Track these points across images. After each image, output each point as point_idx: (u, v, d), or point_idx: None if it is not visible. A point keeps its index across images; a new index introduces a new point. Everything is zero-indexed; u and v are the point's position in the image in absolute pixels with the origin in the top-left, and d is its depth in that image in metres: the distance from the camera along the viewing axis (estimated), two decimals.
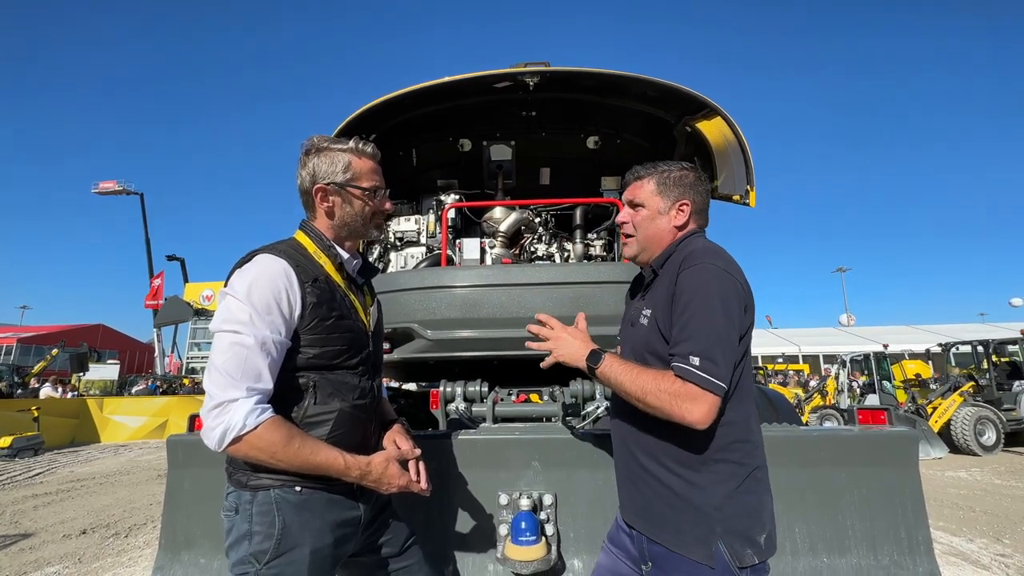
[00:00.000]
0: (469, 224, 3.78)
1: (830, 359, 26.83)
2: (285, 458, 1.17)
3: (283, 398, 1.24)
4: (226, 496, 1.28)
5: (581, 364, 1.32)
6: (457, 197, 3.72)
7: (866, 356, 13.06)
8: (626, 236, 1.48)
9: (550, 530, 1.98)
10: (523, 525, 1.87)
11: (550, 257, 3.59)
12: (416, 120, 3.45)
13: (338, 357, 1.31)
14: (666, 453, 1.26)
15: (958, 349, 14.30)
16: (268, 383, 1.20)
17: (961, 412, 9.62)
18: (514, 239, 3.61)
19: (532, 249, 3.59)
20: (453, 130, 3.74)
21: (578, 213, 3.61)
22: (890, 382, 12.34)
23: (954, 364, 16.25)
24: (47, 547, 4.51)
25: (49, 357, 17.78)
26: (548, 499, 2.03)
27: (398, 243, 3.64)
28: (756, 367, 21.25)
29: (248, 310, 1.18)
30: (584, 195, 3.68)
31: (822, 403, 12.81)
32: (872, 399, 11.98)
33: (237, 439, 1.14)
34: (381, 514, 1.46)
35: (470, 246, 3.36)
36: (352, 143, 1.38)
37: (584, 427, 2.39)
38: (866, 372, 13.13)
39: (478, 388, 2.79)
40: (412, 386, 3.61)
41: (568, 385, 2.76)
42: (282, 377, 1.24)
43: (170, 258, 28.17)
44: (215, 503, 1.44)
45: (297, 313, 1.25)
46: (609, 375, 1.27)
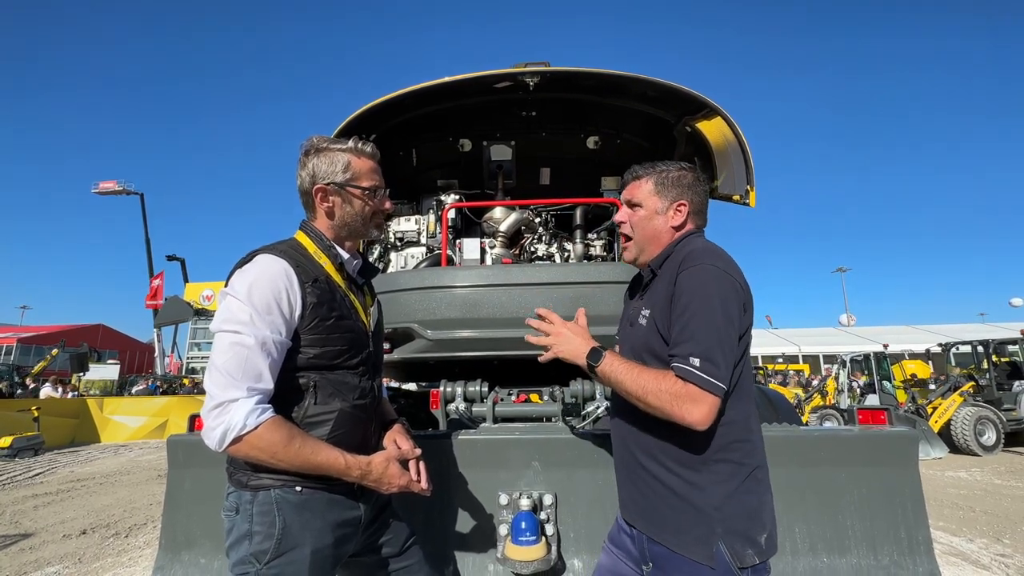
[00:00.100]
0: (469, 224, 3.78)
1: (830, 359, 26.82)
2: (286, 458, 1.17)
3: (283, 398, 1.24)
4: (227, 496, 1.28)
5: (581, 361, 1.31)
6: (457, 197, 3.72)
7: (866, 356, 13.05)
8: (625, 238, 1.47)
9: (550, 530, 1.98)
10: (523, 525, 1.87)
11: (550, 257, 3.59)
12: (416, 120, 3.45)
13: (338, 357, 1.32)
14: (666, 453, 1.26)
15: (958, 349, 14.31)
16: (269, 383, 1.20)
17: (961, 412, 9.62)
18: (514, 239, 3.61)
19: (532, 249, 3.59)
20: (453, 130, 3.74)
21: (578, 213, 3.61)
22: (890, 382, 12.34)
23: (954, 364, 16.24)
24: (47, 547, 4.51)
25: (49, 357, 17.82)
26: (548, 499, 2.03)
27: (398, 243, 3.64)
28: (756, 367, 21.25)
29: (248, 310, 1.19)
30: (584, 195, 3.68)
31: (822, 403, 12.82)
32: (872, 399, 11.97)
33: (238, 439, 1.14)
34: (381, 514, 1.46)
35: (470, 246, 3.36)
36: (351, 143, 1.39)
37: (584, 427, 2.39)
38: (866, 372, 13.13)
39: (478, 388, 2.79)
40: (412, 386, 3.60)
41: (568, 385, 2.76)
42: (282, 377, 1.24)
43: (170, 258, 28.18)
44: (215, 503, 1.44)
45: (297, 313, 1.25)
46: (609, 374, 1.26)
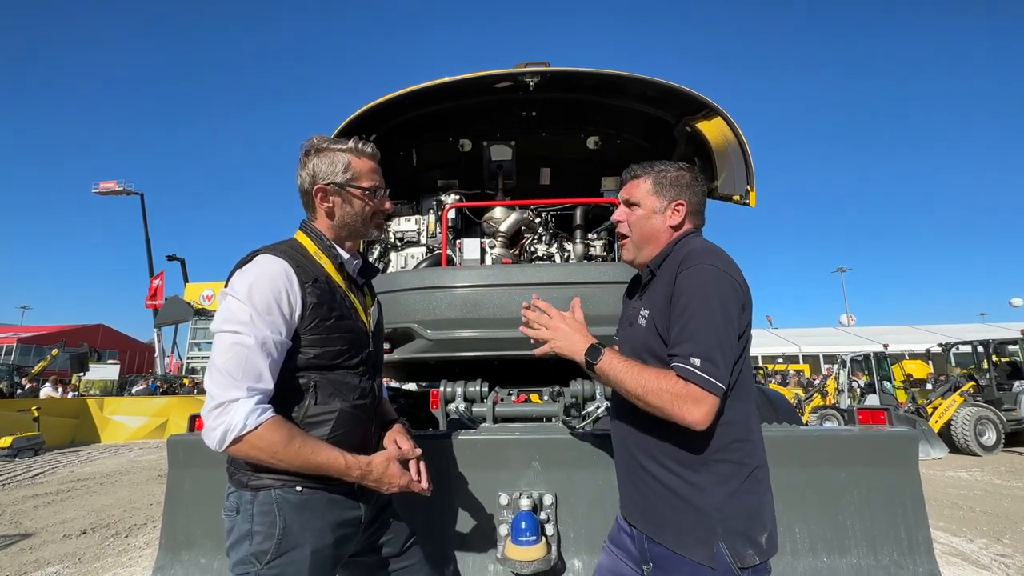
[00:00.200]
0: (469, 224, 3.78)
1: (830, 359, 26.82)
2: (286, 458, 1.17)
3: (284, 398, 1.24)
4: (227, 496, 1.28)
5: (579, 358, 1.30)
6: (457, 197, 3.72)
7: (866, 356, 13.06)
8: (622, 236, 1.47)
9: (550, 530, 1.98)
10: (523, 525, 1.87)
11: (550, 257, 3.60)
12: (416, 120, 3.45)
13: (338, 357, 1.32)
14: (666, 453, 1.26)
15: (958, 349, 14.32)
16: (269, 383, 1.20)
17: (961, 412, 9.62)
18: (514, 239, 3.61)
19: (532, 249, 3.59)
20: (453, 130, 3.74)
21: (578, 213, 3.61)
22: (890, 382, 12.34)
23: (954, 364, 16.25)
24: (47, 547, 4.51)
25: (49, 357, 17.83)
26: (548, 499, 2.03)
27: (398, 243, 3.65)
28: (756, 367, 21.25)
29: (249, 310, 1.19)
30: (584, 195, 3.68)
31: (822, 403, 12.82)
32: (872, 399, 11.97)
33: (238, 439, 1.14)
34: (382, 514, 1.46)
35: (470, 246, 3.37)
36: (351, 143, 1.38)
37: (584, 427, 2.39)
38: (866, 372, 13.13)
39: (478, 388, 2.79)
40: (412, 386, 3.61)
41: (568, 385, 2.76)
42: (283, 377, 1.24)
43: (170, 258, 28.20)
44: (215, 503, 1.44)
45: (297, 313, 1.25)
46: (608, 372, 1.25)
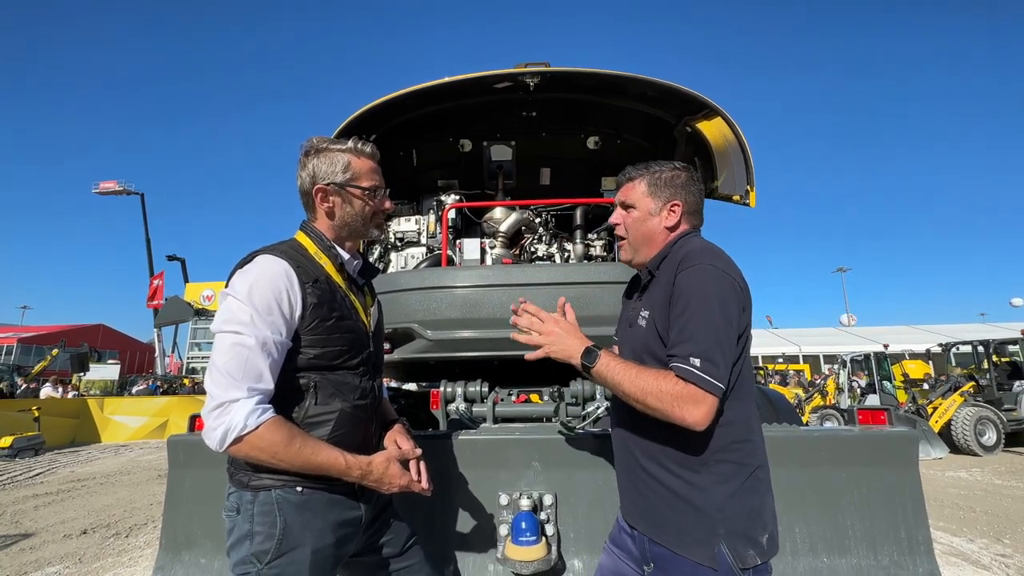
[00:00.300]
0: (469, 224, 3.79)
1: (830, 359, 26.80)
2: (286, 458, 1.17)
3: (284, 398, 1.24)
4: (227, 496, 1.28)
5: (575, 361, 1.28)
6: (457, 197, 3.72)
7: (866, 356, 13.06)
8: (619, 238, 1.47)
9: (550, 530, 1.98)
10: (523, 525, 1.87)
11: (550, 257, 3.60)
12: (416, 120, 3.46)
13: (339, 358, 1.32)
14: (666, 454, 1.26)
15: (958, 349, 14.30)
16: (269, 383, 1.20)
17: (961, 412, 9.61)
18: (514, 239, 3.61)
19: (532, 249, 3.59)
20: (453, 130, 3.74)
21: (578, 213, 3.61)
22: (891, 382, 12.34)
23: (954, 364, 16.24)
24: (48, 547, 4.52)
25: (49, 357, 17.82)
26: (548, 499, 2.03)
27: (398, 243, 3.65)
28: (756, 367, 21.25)
29: (249, 311, 1.19)
30: (584, 195, 3.68)
31: (822, 403, 12.82)
32: (872, 399, 11.98)
33: (238, 439, 1.14)
34: (382, 514, 1.46)
35: (470, 246, 3.37)
36: (351, 143, 1.39)
37: (584, 427, 2.39)
38: (867, 372, 13.14)
39: (478, 388, 2.79)
40: (412, 386, 3.61)
41: (568, 385, 2.76)
42: (283, 377, 1.24)
43: (170, 258, 28.18)
44: (216, 503, 1.44)
45: (298, 314, 1.25)
46: (605, 374, 1.24)
